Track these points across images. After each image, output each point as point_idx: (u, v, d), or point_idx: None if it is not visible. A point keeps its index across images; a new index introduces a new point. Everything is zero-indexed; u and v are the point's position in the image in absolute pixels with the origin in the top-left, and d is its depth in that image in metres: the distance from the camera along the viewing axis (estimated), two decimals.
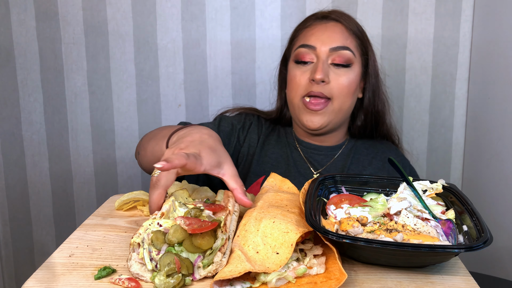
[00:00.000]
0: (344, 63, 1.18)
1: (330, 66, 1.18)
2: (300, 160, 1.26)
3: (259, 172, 1.24)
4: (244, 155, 1.28)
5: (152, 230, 0.70)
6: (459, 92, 1.71)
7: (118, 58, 1.72)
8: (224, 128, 1.27)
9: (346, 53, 1.17)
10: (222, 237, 0.69)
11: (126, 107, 1.75)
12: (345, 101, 1.19)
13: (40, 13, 1.69)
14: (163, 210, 0.74)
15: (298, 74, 1.19)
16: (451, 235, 0.76)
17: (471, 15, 1.65)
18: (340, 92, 1.17)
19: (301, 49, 1.20)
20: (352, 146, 1.30)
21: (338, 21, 1.21)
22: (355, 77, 1.20)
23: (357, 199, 0.87)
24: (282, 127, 1.34)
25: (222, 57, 1.72)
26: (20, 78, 1.74)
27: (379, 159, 1.28)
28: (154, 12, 1.69)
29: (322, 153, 1.27)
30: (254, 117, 1.34)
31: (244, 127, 1.30)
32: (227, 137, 1.26)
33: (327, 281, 0.66)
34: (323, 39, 1.18)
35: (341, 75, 1.18)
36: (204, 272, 0.68)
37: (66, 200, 1.83)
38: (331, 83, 1.17)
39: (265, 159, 1.26)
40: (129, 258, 0.69)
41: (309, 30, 1.22)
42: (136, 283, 0.67)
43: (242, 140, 1.28)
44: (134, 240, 0.69)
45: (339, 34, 1.19)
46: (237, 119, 1.32)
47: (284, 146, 1.29)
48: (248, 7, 1.68)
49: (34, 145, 1.79)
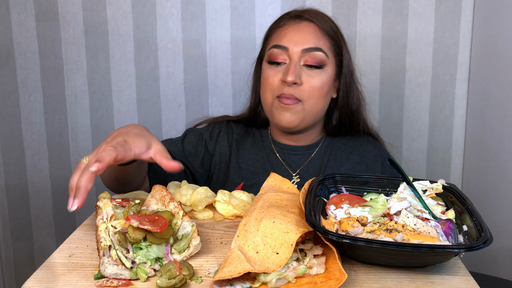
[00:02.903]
0: (317, 64, 1.16)
1: (303, 67, 1.17)
2: (277, 163, 1.26)
3: (237, 179, 1.24)
4: (217, 163, 1.27)
5: (113, 231, 0.71)
6: (459, 92, 1.71)
7: (118, 58, 1.72)
8: (191, 139, 1.27)
9: (318, 54, 1.16)
10: (192, 223, 0.77)
11: (126, 107, 1.75)
12: (316, 103, 1.18)
13: (40, 13, 1.69)
14: (111, 213, 0.76)
15: (271, 75, 1.19)
16: (451, 235, 0.76)
17: (471, 15, 1.65)
18: (312, 94, 1.17)
19: (274, 50, 1.19)
20: (329, 142, 1.29)
21: (312, 21, 1.19)
22: (328, 78, 1.19)
23: (357, 199, 0.87)
24: (257, 130, 1.33)
25: (222, 57, 1.72)
26: (20, 78, 1.74)
27: (357, 153, 1.27)
28: (154, 12, 1.69)
29: (299, 153, 1.27)
30: (223, 124, 1.33)
31: (212, 136, 1.29)
32: (194, 148, 1.26)
33: (327, 281, 0.66)
34: (295, 40, 1.17)
35: (314, 76, 1.17)
36: (180, 257, 0.74)
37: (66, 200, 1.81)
38: (303, 85, 1.16)
39: (242, 166, 1.25)
40: (101, 263, 0.69)
41: (282, 30, 1.20)
42: (126, 281, 0.69)
43: (211, 149, 1.28)
44: (105, 243, 0.69)
45: (312, 35, 1.17)
46: (204, 129, 1.32)
47: (260, 151, 1.28)
48: (248, 7, 1.68)
49: (34, 145, 1.79)
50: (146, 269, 0.70)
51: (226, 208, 0.94)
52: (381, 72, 1.71)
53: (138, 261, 0.70)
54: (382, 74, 1.71)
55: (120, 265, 0.69)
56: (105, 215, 0.76)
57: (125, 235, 0.72)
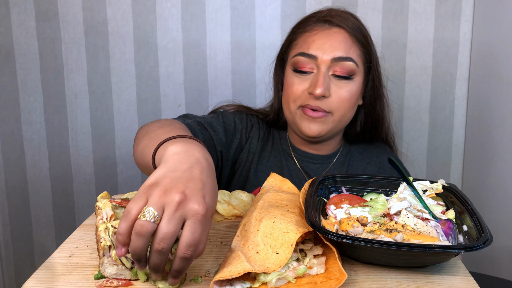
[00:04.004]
0: (346, 74, 1.10)
1: (331, 78, 1.10)
2: (295, 170, 1.21)
3: (255, 182, 1.18)
4: (243, 160, 1.20)
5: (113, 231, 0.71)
6: (459, 92, 1.71)
7: (118, 58, 1.72)
8: (228, 126, 1.18)
9: (349, 64, 1.09)
10: None
11: (126, 107, 1.75)
12: (345, 114, 1.13)
13: (40, 13, 1.69)
14: (110, 213, 0.76)
15: (296, 83, 1.12)
16: (451, 235, 0.76)
17: (471, 15, 1.65)
18: (341, 105, 1.10)
19: (300, 58, 1.11)
20: (347, 152, 1.25)
21: (342, 27, 1.12)
22: (357, 88, 1.13)
23: (357, 199, 0.87)
24: (277, 131, 1.27)
25: (222, 57, 1.72)
26: (20, 78, 1.74)
27: (374, 165, 1.25)
28: (154, 12, 1.69)
29: (318, 162, 1.22)
30: (254, 119, 1.25)
31: (247, 129, 1.21)
32: (230, 137, 1.17)
33: (327, 281, 0.66)
34: (325, 49, 1.09)
35: (343, 87, 1.10)
36: None
37: (66, 200, 1.83)
38: (332, 97, 1.10)
39: (261, 168, 1.20)
40: (101, 263, 0.69)
41: (310, 36, 1.12)
42: (126, 281, 0.69)
43: (243, 143, 1.20)
44: (105, 244, 0.69)
45: (343, 44, 1.10)
46: (238, 117, 1.22)
47: (279, 154, 1.22)
48: (248, 7, 1.68)
49: (34, 145, 1.79)
50: (146, 270, 0.70)
51: (226, 208, 0.94)
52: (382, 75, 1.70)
53: None
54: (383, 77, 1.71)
55: (120, 265, 0.69)
56: (104, 215, 0.76)
57: None
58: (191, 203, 0.62)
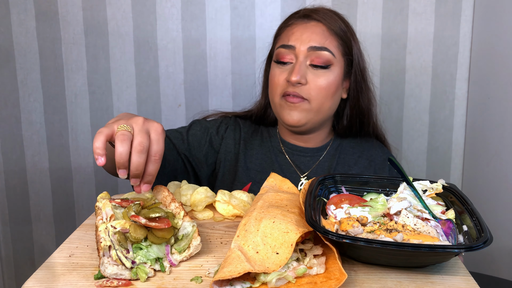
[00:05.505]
0: (323, 64, 1.15)
1: (309, 67, 1.15)
2: (286, 164, 1.24)
3: (245, 179, 1.22)
4: (221, 161, 1.25)
5: (113, 232, 0.71)
6: (459, 92, 1.71)
7: (118, 58, 1.72)
8: (195, 132, 1.25)
9: (324, 54, 1.15)
10: (193, 224, 0.78)
11: (126, 107, 1.75)
12: (323, 102, 1.17)
13: (40, 13, 1.69)
14: (110, 213, 0.76)
15: (277, 74, 1.18)
16: (451, 235, 0.76)
17: (471, 15, 1.65)
18: (318, 93, 1.15)
19: (281, 49, 1.18)
20: (338, 145, 1.28)
21: (319, 21, 1.18)
22: (335, 78, 1.17)
23: (357, 199, 0.87)
24: (265, 128, 1.31)
25: (222, 57, 1.72)
26: (20, 78, 1.74)
27: (365, 158, 1.27)
28: (154, 12, 1.69)
29: (308, 155, 1.25)
30: (231, 120, 1.30)
31: (218, 132, 1.27)
32: (197, 141, 1.24)
33: (327, 281, 0.66)
34: (302, 39, 1.16)
35: (320, 76, 1.15)
36: (180, 257, 0.75)
37: (66, 200, 1.83)
38: (309, 84, 1.15)
39: (250, 165, 1.24)
40: (101, 263, 0.69)
41: (290, 29, 1.19)
42: (126, 281, 0.69)
43: (217, 146, 1.26)
44: (105, 244, 0.69)
45: (319, 35, 1.16)
46: (211, 123, 1.29)
47: (269, 151, 1.26)
48: (248, 7, 1.68)
49: (34, 145, 1.79)
50: (146, 269, 0.70)
51: (226, 208, 0.94)
52: (381, 72, 1.71)
53: (138, 261, 0.70)
54: (382, 74, 1.71)
55: (120, 265, 0.69)
56: (104, 216, 0.76)
57: (125, 235, 0.72)
58: (151, 122, 0.84)
